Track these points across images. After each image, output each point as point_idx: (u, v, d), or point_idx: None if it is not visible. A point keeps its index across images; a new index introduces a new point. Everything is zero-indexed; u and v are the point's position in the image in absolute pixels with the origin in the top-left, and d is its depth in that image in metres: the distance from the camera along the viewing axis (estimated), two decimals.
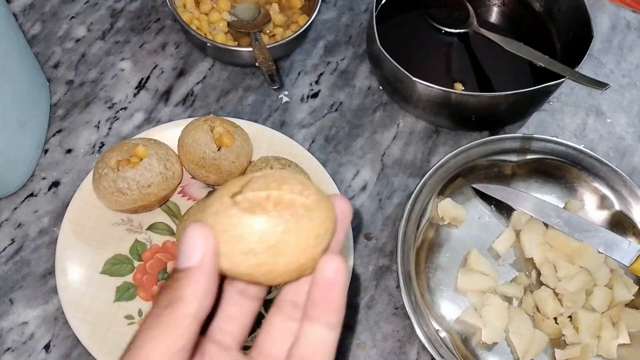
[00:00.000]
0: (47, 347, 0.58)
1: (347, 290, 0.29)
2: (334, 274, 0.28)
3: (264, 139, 0.65)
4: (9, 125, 0.59)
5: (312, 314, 0.28)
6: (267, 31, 0.71)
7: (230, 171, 0.60)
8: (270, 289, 0.30)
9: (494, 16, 0.77)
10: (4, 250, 0.61)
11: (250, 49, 0.66)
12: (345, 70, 0.73)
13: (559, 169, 0.66)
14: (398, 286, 0.62)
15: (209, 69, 0.71)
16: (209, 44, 0.67)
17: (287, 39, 0.66)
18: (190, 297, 0.27)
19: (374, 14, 0.65)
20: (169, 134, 0.63)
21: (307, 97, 0.71)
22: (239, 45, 0.69)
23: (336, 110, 0.71)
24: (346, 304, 0.29)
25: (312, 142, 0.68)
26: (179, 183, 0.62)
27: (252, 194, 0.29)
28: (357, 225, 0.65)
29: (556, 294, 0.60)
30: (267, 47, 0.66)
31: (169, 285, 0.27)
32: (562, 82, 0.65)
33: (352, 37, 0.75)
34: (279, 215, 0.27)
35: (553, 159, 0.66)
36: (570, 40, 0.71)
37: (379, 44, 0.64)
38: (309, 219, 0.28)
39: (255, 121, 0.68)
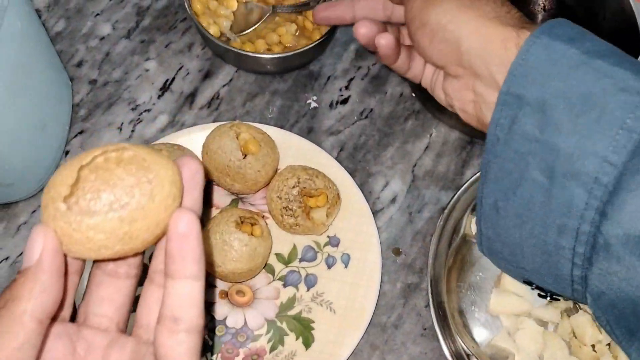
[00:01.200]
0: None
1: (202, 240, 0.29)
2: (186, 226, 0.28)
3: (290, 146, 0.63)
4: (30, 125, 0.57)
5: (172, 269, 0.29)
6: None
7: (256, 180, 0.58)
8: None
9: (535, 22, 0.73)
10: (21, 254, 0.59)
11: (269, 55, 0.64)
12: (377, 76, 0.70)
13: None
14: (427, 305, 0.59)
15: (236, 72, 0.69)
16: (226, 48, 0.64)
17: (314, 43, 0.63)
18: (25, 295, 0.27)
19: None
20: (193, 138, 0.61)
21: (337, 103, 0.68)
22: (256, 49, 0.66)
23: (366, 117, 0.68)
24: (203, 250, 0.29)
25: (341, 150, 0.66)
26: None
27: (85, 195, 0.29)
28: (386, 239, 0.62)
29: (594, 320, 0.57)
30: (297, 51, 0.64)
31: (8, 286, 0.28)
32: None
33: None
34: (121, 206, 0.28)
35: None
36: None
37: None
38: (151, 199, 0.28)
39: (282, 127, 0.65)
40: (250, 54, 0.63)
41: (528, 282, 0.48)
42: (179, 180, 0.30)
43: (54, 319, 0.30)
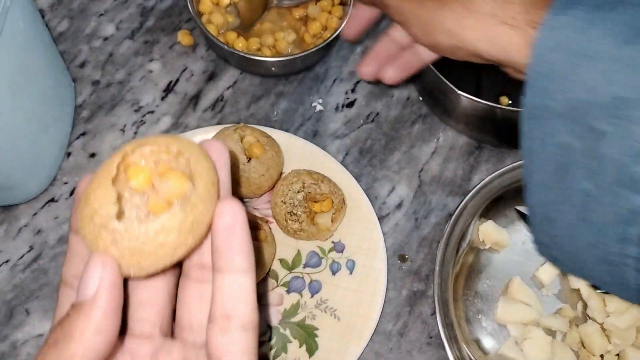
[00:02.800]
0: None
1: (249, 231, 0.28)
2: (232, 217, 0.27)
3: (295, 149, 0.62)
4: (32, 126, 0.56)
5: (220, 264, 0.27)
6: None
7: (260, 184, 0.57)
8: None
9: None
10: (21, 257, 0.58)
11: (275, 58, 0.63)
12: None
13: None
14: (433, 313, 0.58)
15: (240, 74, 0.68)
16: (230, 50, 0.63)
17: (319, 46, 0.62)
18: (77, 336, 0.25)
19: None
20: (196, 141, 0.60)
21: (342, 106, 0.67)
22: (260, 50, 0.66)
23: (372, 121, 0.67)
24: (250, 240, 0.27)
25: (346, 154, 0.65)
26: None
27: (134, 198, 0.27)
28: (391, 245, 0.61)
29: (604, 329, 0.56)
30: (302, 54, 0.63)
31: (61, 321, 0.25)
32: None
33: None
34: (176, 196, 0.26)
35: None
36: None
37: None
38: (199, 180, 0.26)
39: (287, 130, 0.64)
40: (255, 57, 0.62)
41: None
42: (211, 161, 0.28)
43: None
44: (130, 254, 0.25)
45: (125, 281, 0.27)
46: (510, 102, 0.66)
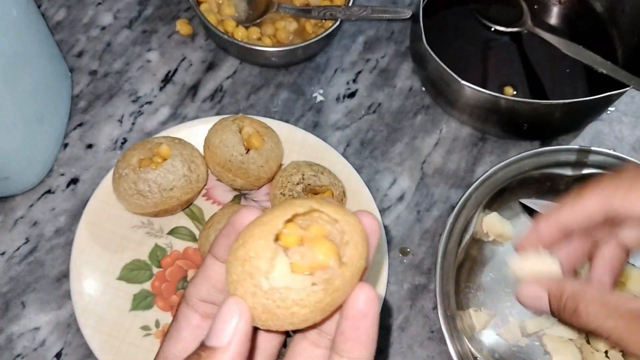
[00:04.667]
0: (58, 356, 0.54)
1: (379, 318, 0.27)
2: (365, 305, 0.26)
3: (295, 141, 0.60)
4: (27, 118, 0.55)
5: (342, 348, 0.26)
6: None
7: (259, 176, 0.56)
8: None
9: (549, 15, 0.70)
10: (17, 249, 0.58)
11: (275, 48, 0.61)
12: (386, 69, 0.68)
13: None
14: (435, 307, 0.57)
15: (240, 63, 0.66)
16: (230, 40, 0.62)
17: (320, 36, 0.61)
18: None
19: (421, 7, 0.60)
20: (194, 132, 0.59)
21: (343, 97, 0.66)
22: (261, 39, 0.64)
23: (374, 112, 0.65)
24: (377, 330, 0.27)
25: (347, 145, 0.64)
26: (204, 186, 0.58)
27: (285, 267, 0.26)
28: (393, 238, 0.60)
29: None
30: (303, 44, 0.61)
31: (190, 359, 0.25)
32: (625, 91, 0.58)
33: (394, 33, 0.70)
34: (324, 276, 0.26)
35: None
36: (635, 44, 0.65)
37: (425, 41, 0.59)
38: (350, 264, 0.26)
39: (287, 121, 0.63)
40: (254, 46, 0.61)
41: None
42: (367, 240, 0.28)
43: None
44: (262, 310, 0.26)
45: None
46: (514, 92, 0.65)
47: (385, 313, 0.57)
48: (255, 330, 0.29)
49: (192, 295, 0.30)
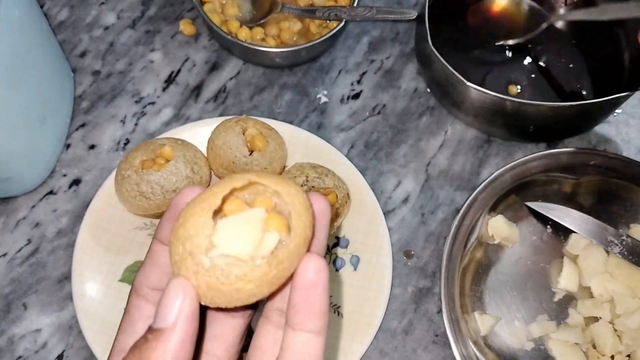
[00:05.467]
0: (60, 358, 0.54)
1: (329, 295, 0.27)
2: (315, 275, 0.26)
3: (299, 142, 0.60)
4: (29, 118, 0.55)
5: (294, 320, 0.27)
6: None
7: None
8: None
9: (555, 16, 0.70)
10: (19, 250, 0.57)
11: (279, 49, 0.61)
12: (390, 70, 0.67)
13: (625, 189, 0.60)
14: (439, 311, 0.56)
15: (244, 64, 0.66)
16: (233, 41, 0.61)
17: (324, 37, 0.61)
18: None
19: (427, 8, 0.59)
20: (198, 133, 0.59)
21: (348, 98, 0.65)
22: (265, 40, 0.64)
23: (379, 113, 0.65)
24: (329, 301, 0.27)
25: (351, 147, 0.63)
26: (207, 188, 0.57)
27: (226, 242, 0.26)
28: (397, 241, 0.59)
29: (615, 330, 0.54)
30: (307, 44, 0.61)
31: (138, 345, 0.25)
32: (633, 94, 0.58)
33: (400, 34, 0.69)
34: (267, 249, 0.26)
35: (619, 178, 0.59)
36: None
37: (430, 42, 0.58)
38: (293, 235, 0.26)
39: (291, 122, 0.63)
40: (258, 47, 0.61)
41: None
42: (312, 209, 0.28)
43: None
44: (207, 288, 0.25)
45: (202, 312, 0.27)
46: (519, 90, 0.64)
47: (389, 316, 0.56)
48: (204, 311, 0.29)
49: (143, 285, 0.29)
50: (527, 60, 0.67)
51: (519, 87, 0.65)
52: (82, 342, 0.54)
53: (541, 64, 0.67)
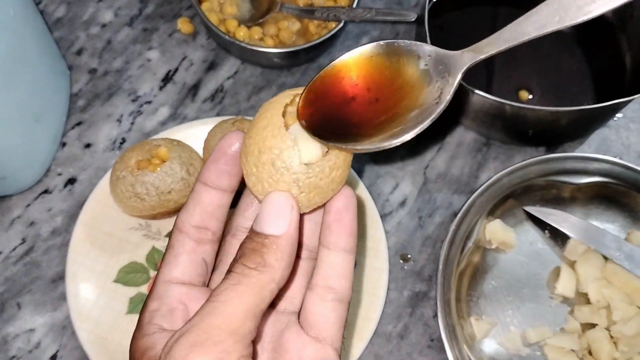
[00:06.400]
0: (53, 358, 0.54)
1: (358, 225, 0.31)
2: (346, 199, 0.30)
3: None
4: (25, 116, 0.54)
5: (328, 240, 0.30)
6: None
7: None
8: None
9: None
10: (14, 250, 0.57)
11: (277, 49, 0.60)
12: None
13: (624, 195, 0.59)
14: (435, 315, 0.56)
15: (241, 64, 0.65)
16: (231, 41, 0.60)
17: (323, 37, 0.60)
18: (276, 265, 0.27)
19: (427, 10, 0.59)
20: (194, 133, 0.59)
21: None
22: (263, 40, 0.63)
23: None
24: (357, 226, 0.31)
25: None
26: None
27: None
28: (394, 244, 0.59)
29: (611, 337, 0.54)
30: (305, 45, 0.60)
31: (254, 247, 0.28)
32: (633, 98, 0.57)
33: (399, 35, 0.69)
34: (333, 154, 0.30)
35: (618, 184, 0.59)
36: None
37: (430, 44, 0.57)
38: (340, 156, 0.30)
39: None
40: (256, 47, 0.60)
41: None
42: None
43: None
44: (308, 190, 0.29)
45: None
46: (530, 97, 0.63)
47: (385, 320, 0.56)
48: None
49: (185, 222, 0.32)
50: (530, 63, 0.66)
51: (530, 94, 0.64)
52: (76, 343, 0.53)
53: (548, 64, 0.66)
